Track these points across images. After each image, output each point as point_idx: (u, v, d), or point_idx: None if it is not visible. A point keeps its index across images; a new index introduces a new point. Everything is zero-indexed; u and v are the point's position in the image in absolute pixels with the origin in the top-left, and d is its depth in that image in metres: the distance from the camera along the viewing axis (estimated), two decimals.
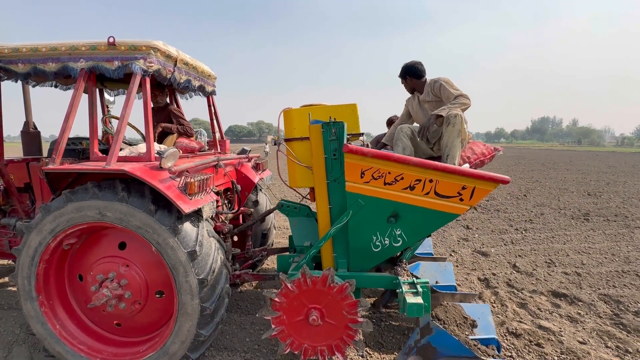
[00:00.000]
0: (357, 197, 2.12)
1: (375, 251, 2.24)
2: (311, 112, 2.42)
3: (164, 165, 2.10)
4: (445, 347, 2.00)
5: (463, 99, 2.54)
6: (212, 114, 3.49)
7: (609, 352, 2.61)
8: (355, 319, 2.08)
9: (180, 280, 2.06)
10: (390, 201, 2.11)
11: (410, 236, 2.19)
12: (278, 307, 2.15)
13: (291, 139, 2.51)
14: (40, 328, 2.23)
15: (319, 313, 2.11)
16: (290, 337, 2.16)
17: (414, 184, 2.06)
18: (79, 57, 2.30)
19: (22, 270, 2.17)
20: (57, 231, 2.10)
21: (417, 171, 2.04)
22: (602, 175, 14.54)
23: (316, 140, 2.21)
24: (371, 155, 2.04)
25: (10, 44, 2.38)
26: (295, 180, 2.54)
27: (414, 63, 2.89)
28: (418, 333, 2.09)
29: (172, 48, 2.47)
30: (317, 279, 2.09)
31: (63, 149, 2.19)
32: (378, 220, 2.17)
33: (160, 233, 2.01)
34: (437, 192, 2.05)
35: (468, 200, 2.04)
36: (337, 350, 2.13)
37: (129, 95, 2.20)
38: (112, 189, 2.07)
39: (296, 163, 2.46)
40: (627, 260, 4.48)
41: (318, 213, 2.34)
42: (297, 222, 2.77)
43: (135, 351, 2.27)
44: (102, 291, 2.14)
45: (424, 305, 1.91)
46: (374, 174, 2.07)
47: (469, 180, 2.01)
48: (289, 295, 2.13)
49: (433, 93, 2.75)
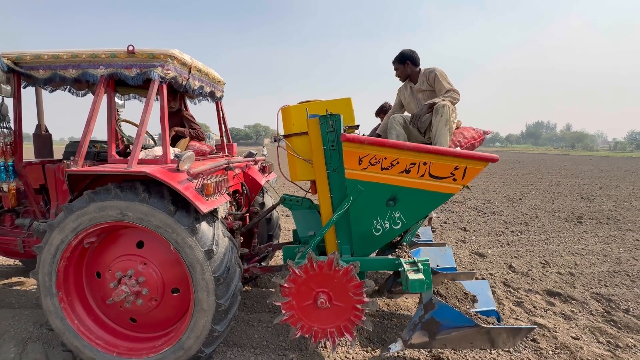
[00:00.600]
0: (357, 183, 2.24)
1: (376, 235, 2.36)
2: (308, 107, 2.54)
3: (181, 168, 2.21)
4: (448, 320, 2.12)
5: (453, 94, 2.70)
6: (220, 118, 3.61)
7: (601, 347, 2.74)
8: (362, 299, 2.19)
9: (197, 278, 2.16)
10: (388, 185, 2.23)
11: (408, 218, 2.31)
12: (287, 293, 2.25)
13: (290, 135, 2.64)
14: (59, 323, 2.31)
15: (327, 296, 2.22)
16: (300, 322, 2.26)
17: (409, 168, 2.18)
18: (98, 64, 2.41)
19: (44, 267, 2.26)
20: (79, 230, 2.19)
21: (411, 155, 2.17)
22: (595, 180, 14.83)
23: (315, 133, 2.33)
24: (367, 142, 2.17)
25: (32, 51, 2.49)
26: (296, 174, 2.66)
27: (412, 51, 2.99)
28: (422, 309, 2.20)
29: (186, 56, 2.59)
30: (323, 263, 2.20)
31: (85, 152, 2.30)
32: (377, 205, 2.28)
33: (179, 232, 2.12)
34: (432, 173, 2.18)
35: (461, 180, 2.17)
36: (345, 331, 2.24)
37: (148, 101, 2.31)
38: (133, 190, 2.17)
39: (296, 157, 2.58)
40: (619, 261, 4.64)
41: (320, 202, 2.45)
42: (300, 215, 2.89)
43: (151, 346, 2.36)
44: (121, 287, 2.23)
45: (425, 281, 2.04)
46: (371, 160, 2.19)
47: (460, 160, 2.15)
48: (297, 281, 2.23)
49: (428, 82, 2.87)
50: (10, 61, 2.47)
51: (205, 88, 2.95)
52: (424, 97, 2.93)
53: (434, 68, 2.87)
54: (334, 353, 2.57)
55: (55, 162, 2.91)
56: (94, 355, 2.30)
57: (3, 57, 2.46)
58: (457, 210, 8.04)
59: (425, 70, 2.92)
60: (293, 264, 2.25)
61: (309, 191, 2.98)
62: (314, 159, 2.39)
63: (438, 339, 2.17)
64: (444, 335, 2.14)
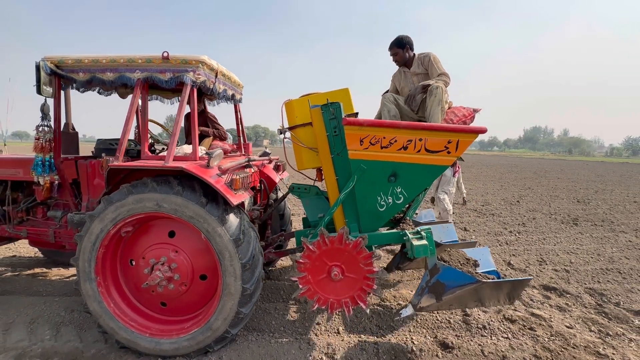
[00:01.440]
0: (359, 162, 2.46)
1: (381, 211, 2.57)
2: (310, 99, 2.74)
3: (211, 164, 2.43)
4: (452, 280, 2.34)
5: (445, 77, 2.93)
6: (238, 119, 3.83)
7: (592, 335, 2.97)
8: (372, 269, 2.41)
9: (225, 264, 2.37)
10: (388, 162, 2.45)
11: (409, 191, 2.52)
12: (303, 268, 2.47)
13: (295, 126, 2.84)
14: (96, 306, 2.51)
15: (340, 269, 2.44)
16: (316, 294, 2.48)
17: (406, 144, 2.40)
18: (135, 69, 2.63)
19: (84, 254, 2.47)
20: (118, 220, 2.40)
21: (407, 133, 2.39)
22: (591, 184, 15.13)
23: (318, 121, 2.55)
24: (367, 124, 2.40)
25: (73, 55, 2.70)
26: (302, 162, 2.87)
27: (409, 36, 3.16)
28: (427, 274, 2.42)
29: (214, 61, 2.81)
30: (334, 238, 2.42)
31: (124, 148, 2.51)
32: (380, 181, 2.50)
33: (210, 222, 2.33)
34: (427, 148, 2.40)
35: (454, 152, 2.40)
36: (359, 300, 2.45)
37: (181, 104, 2.52)
38: (167, 183, 2.38)
39: (302, 147, 2.80)
40: (611, 260, 4.88)
41: (327, 185, 2.66)
42: (308, 201, 3.12)
43: (180, 327, 2.57)
44: (155, 273, 2.44)
45: (428, 247, 2.27)
46: (371, 140, 2.41)
47: (452, 134, 2.38)
48: (312, 256, 2.45)
49: (423, 66, 3.07)
50: (53, 64, 2.68)
51: (228, 91, 3.17)
52: (418, 80, 3.12)
53: (429, 52, 3.08)
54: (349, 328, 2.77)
55: (88, 158, 3.12)
56: (128, 335, 2.50)
57: (47, 61, 2.67)
58: (458, 211, 8.27)
59: (420, 55, 3.12)
60: (306, 240, 2.47)
61: (316, 179, 3.20)
62: (319, 146, 2.61)
63: (445, 300, 2.39)
64: (449, 295, 2.36)
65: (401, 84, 3.27)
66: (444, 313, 3.22)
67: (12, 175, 3.20)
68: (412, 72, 3.15)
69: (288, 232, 3.63)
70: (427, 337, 2.85)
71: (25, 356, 2.55)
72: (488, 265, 2.77)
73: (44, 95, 2.74)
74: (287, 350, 2.61)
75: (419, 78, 3.11)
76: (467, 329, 2.98)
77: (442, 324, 3.04)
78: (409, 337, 2.82)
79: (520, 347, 2.72)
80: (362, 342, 2.73)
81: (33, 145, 2.79)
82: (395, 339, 2.79)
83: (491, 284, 2.38)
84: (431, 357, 2.60)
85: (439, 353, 2.64)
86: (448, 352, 2.65)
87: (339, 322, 3.04)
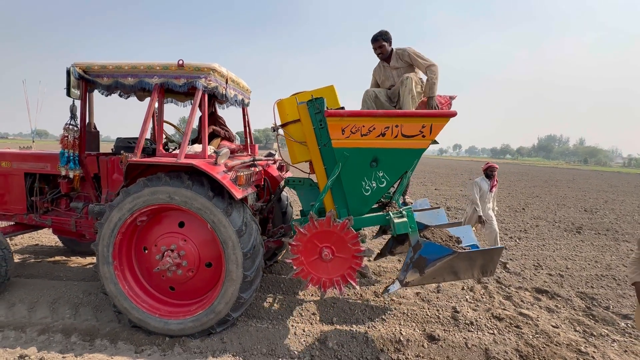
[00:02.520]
0: (343, 150, 2.68)
1: (366, 195, 2.78)
2: (298, 97, 2.98)
3: (219, 162, 2.68)
4: (432, 254, 2.55)
5: (434, 68, 3.07)
6: (245, 122, 4.10)
7: (576, 335, 3.09)
8: (359, 248, 2.63)
9: (228, 252, 2.61)
10: (369, 148, 2.67)
11: (391, 175, 2.73)
12: (296, 251, 2.69)
13: (286, 123, 3.07)
14: (112, 287, 2.78)
15: (330, 250, 2.67)
16: (309, 274, 2.70)
17: (384, 131, 2.62)
18: (153, 75, 2.92)
19: (103, 240, 2.75)
20: (134, 209, 2.67)
21: (384, 121, 2.61)
22: (602, 194, 14.91)
23: (305, 116, 2.79)
24: (346, 115, 2.63)
25: (98, 62, 3.01)
26: (295, 156, 3.10)
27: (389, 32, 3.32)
28: (411, 251, 2.63)
29: (224, 69, 3.08)
30: (323, 221, 2.64)
31: (142, 146, 2.79)
32: (363, 167, 2.71)
33: (216, 214, 2.58)
34: (404, 133, 2.62)
35: (429, 135, 2.62)
36: (349, 278, 2.67)
37: (194, 107, 2.79)
38: (179, 178, 2.65)
39: (294, 142, 3.02)
40: (608, 267, 4.94)
41: (317, 175, 2.89)
42: (303, 192, 3.36)
43: (187, 310, 2.81)
44: (166, 259, 2.70)
45: (408, 224, 2.51)
46: (352, 129, 2.63)
47: (426, 119, 2.61)
48: (303, 239, 2.67)
49: (402, 60, 3.25)
50: (81, 70, 3.00)
51: (238, 96, 3.44)
52: (397, 73, 3.31)
53: (405, 48, 3.25)
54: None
55: (108, 155, 3.42)
56: (140, 315, 2.76)
57: (76, 66, 2.99)
58: (461, 217, 8.36)
59: (398, 50, 3.30)
60: (298, 224, 2.70)
61: (309, 173, 3.40)
62: (307, 138, 2.84)
63: (427, 273, 2.59)
64: (430, 268, 2.56)
65: (381, 77, 3.47)
66: (435, 308, 3.39)
67: (41, 168, 3.54)
68: (392, 66, 3.33)
69: (287, 226, 3.85)
70: (415, 330, 3.02)
71: (48, 331, 2.83)
72: (470, 240, 2.98)
73: (72, 97, 3.06)
74: (283, 335, 2.82)
75: (398, 72, 3.31)
76: (455, 325, 3.14)
77: (431, 319, 3.21)
78: (398, 329, 3.00)
79: (503, 342, 2.87)
80: (353, 331, 2.92)
81: (61, 142, 3.10)
82: (385, 330, 2.98)
83: (466, 254, 2.60)
84: (417, 347, 2.77)
85: (425, 344, 2.81)
86: (433, 343, 2.82)
87: (333, 313, 3.24)
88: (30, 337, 2.76)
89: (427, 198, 4.60)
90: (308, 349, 2.69)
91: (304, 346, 2.72)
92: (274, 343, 2.73)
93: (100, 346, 2.67)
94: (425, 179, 18.27)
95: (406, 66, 3.28)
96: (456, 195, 12.14)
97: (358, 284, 2.77)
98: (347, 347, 2.73)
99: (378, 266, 4.49)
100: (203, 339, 2.74)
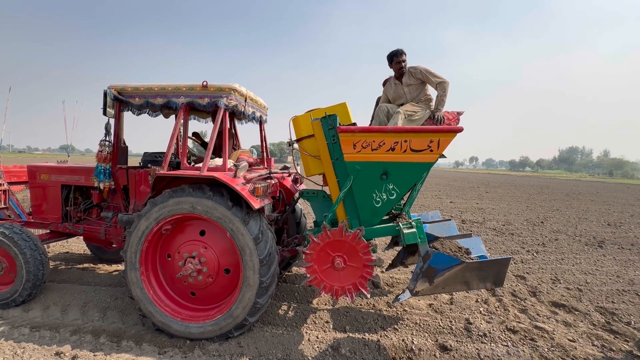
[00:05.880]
0: (354, 164, 2.83)
1: (377, 206, 2.89)
2: (312, 114, 3.17)
3: (238, 174, 2.88)
4: (441, 264, 2.61)
5: (444, 85, 3.26)
6: (262, 137, 4.33)
7: (594, 349, 3.03)
8: (370, 257, 2.72)
9: (246, 259, 2.77)
10: (379, 162, 2.81)
11: (401, 187, 2.85)
12: (309, 259, 2.81)
13: (301, 138, 3.26)
14: (138, 292, 2.98)
15: (342, 259, 2.77)
16: (322, 282, 2.80)
17: (394, 146, 2.76)
18: (180, 95, 3.19)
19: (131, 247, 2.96)
20: (160, 219, 2.89)
21: (393, 136, 2.75)
22: (628, 207, 14.31)
23: (319, 132, 2.95)
24: (358, 130, 2.79)
25: (131, 84, 3.32)
26: (309, 169, 3.26)
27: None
28: (421, 261, 2.70)
29: (243, 88, 3.32)
30: (335, 231, 2.76)
31: (169, 160, 3.03)
32: (373, 180, 2.84)
33: (235, 222, 2.76)
34: (412, 148, 2.75)
35: (437, 150, 2.74)
36: (360, 287, 2.76)
37: (216, 124, 3.02)
38: (201, 189, 2.85)
39: (308, 156, 3.20)
40: (631, 282, 4.78)
41: (330, 188, 3.03)
42: (316, 204, 3.50)
43: (206, 314, 2.97)
44: (188, 265, 2.88)
45: (417, 234, 2.59)
46: (362, 144, 2.79)
47: (434, 135, 2.73)
48: (316, 248, 2.79)
49: (415, 77, 3.42)
50: (116, 91, 3.31)
51: (256, 113, 3.68)
52: (409, 90, 3.49)
53: (417, 65, 3.43)
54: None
55: (136, 168, 3.70)
56: (163, 319, 2.93)
57: (111, 88, 3.30)
58: (476, 229, 8.26)
59: (410, 68, 3.47)
60: (311, 233, 2.83)
61: (322, 185, 3.57)
62: (321, 154, 3.00)
63: (436, 283, 2.65)
64: (440, 277, 2.62)
65: (392, 94, 3.64)
66: (447, 319, 3.41)
67: (76, 180, 3.85)
68: (405, 83, 3.51)
69: (301, 236, 3.99)
70: (428, 340, 3.05)
71: (79, 331, 3.04)
72: (479, 251, 3.02)
73: (107, 116, 3.36)
74: (298, 341, 2.92)
75: (411, 88, 3.48)
76: (468, 336, 3.15)
77: (444, 330, 3.23)
78: (410, 338, 3.04)
79: (517, 354, 2.86)
80: (366, 339, 2.99)
81: (97, 156, 3.39)
82: (397, 339, 3.02)
83: (474, 264, 2.65)
84: (429, 356, 2.81)
85: (437, 353, 2.84)
86: (446, 354, 2.85)
87: (346, 322, 3.31)
88: (64, 337, 2.97)
89: (438, 210, 4.66)
90: (321, 355, 2.77)
91: (317, 352, 2.81)
92: (288, 348, 2.83)
93: (126, 347, 2.85)
94: (440, 192, 18.08)
95: (418, 83, 3.46)
96: (472, 208, 11.98)
97: (369, 292, 2.86)
98: (360, 354, 2.80)
99: (390, 277, 4.54)
100: (221, 342, 2.87)
